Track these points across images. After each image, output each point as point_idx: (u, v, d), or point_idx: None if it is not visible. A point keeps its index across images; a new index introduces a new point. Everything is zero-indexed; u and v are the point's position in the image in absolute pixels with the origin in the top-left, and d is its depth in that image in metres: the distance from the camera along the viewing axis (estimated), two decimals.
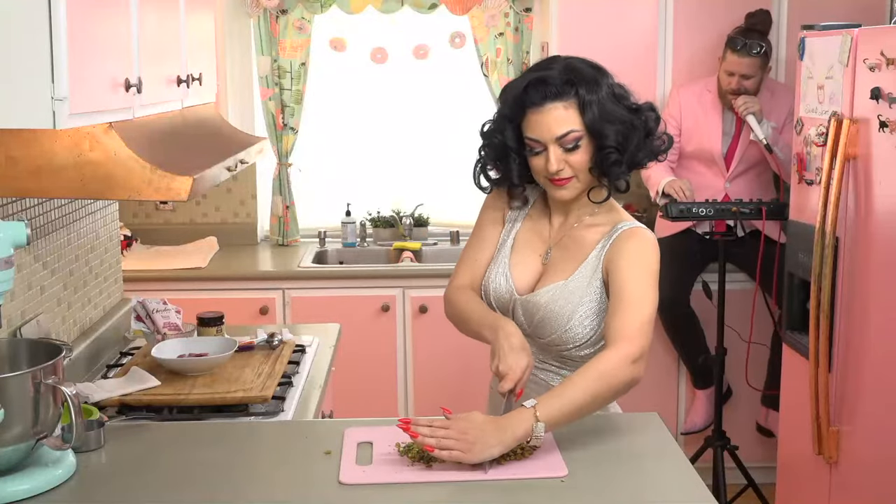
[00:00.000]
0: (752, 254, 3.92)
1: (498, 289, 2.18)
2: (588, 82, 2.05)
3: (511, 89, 2.10)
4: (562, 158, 2.05)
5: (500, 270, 2.19)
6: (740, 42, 3.96)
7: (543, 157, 2.06)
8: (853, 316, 3.07)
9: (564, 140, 2.04)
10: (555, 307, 2.10)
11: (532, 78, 2.08)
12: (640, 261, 2.11)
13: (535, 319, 2.12)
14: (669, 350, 4.23)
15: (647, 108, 2.12)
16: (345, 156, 4.80)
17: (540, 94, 2.04)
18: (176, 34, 2.55)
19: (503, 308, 2.18)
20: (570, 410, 1.92)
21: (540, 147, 2.06)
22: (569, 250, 2.17)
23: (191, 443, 2.07)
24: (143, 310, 2.88)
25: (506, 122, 2.10)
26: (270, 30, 4.53)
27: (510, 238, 2.23)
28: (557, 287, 2.11)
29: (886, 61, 2.82)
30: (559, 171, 2.05)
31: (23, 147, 2.11)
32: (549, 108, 2.04)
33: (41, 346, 1.98)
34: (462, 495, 1.79)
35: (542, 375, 2.19)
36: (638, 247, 2.12)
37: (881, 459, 2.94)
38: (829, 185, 3.07)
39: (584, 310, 2.10)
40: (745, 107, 3.93)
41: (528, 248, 2.21)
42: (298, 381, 2.65)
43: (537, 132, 2.05)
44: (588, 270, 2.12)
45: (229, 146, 2.76)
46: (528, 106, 2.05)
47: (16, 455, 1.80)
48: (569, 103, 2.04)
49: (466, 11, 4.54)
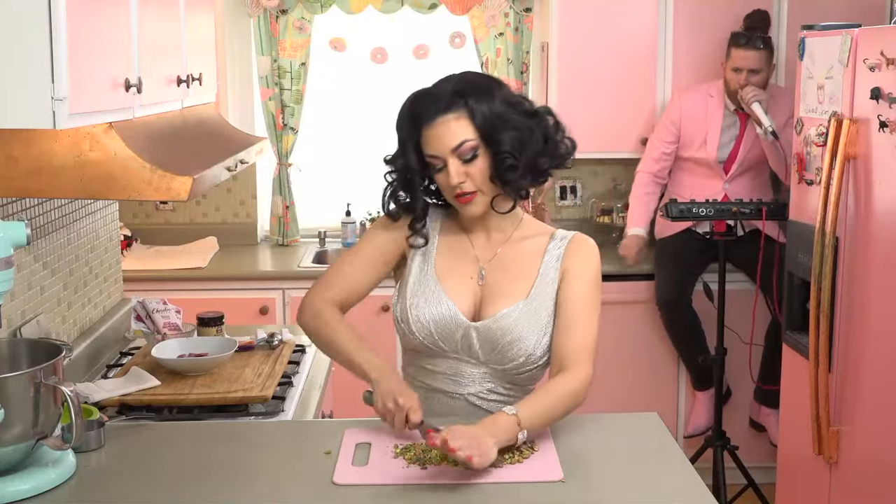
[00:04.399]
0: (752, 254, 3.92)
1: (440, 320, 2.07)
2: (478, 92, 2.04)
3: (402, 110, 2.08)
4: (462, 171, 2.02)
5: (436, 299, 2.08)
6: (744, 37, 3.96)
7: (445, 172, 2.04)
8: (853, 316, 3.07)
9: (461, 151, 2.01)
10: (521, 329, 2.05)
11: (419, 93, 2.07)
12: (591, 275, 2.12)
13: (500, 345, 2.06)
14: (669, 350, 4.23)
15: (544, 112, 2.09)
16: (345, 156, 4.81)
17: (429, 108, 2.03)
18: (176, 34, 2.55)
19: (448, 338, 2.08)
20: (543, 423, 1.96)
21: (440, 163, 2.03)
22: (510, 268, 2.12)
23: (191, 443, 2.07)
24: (143, 310, 2.89)
25: (405, 144, 2.07)
26: (270, 30, 4.53)
27: (429, 267, 2.13)
28: (518, 308, 2.07)
29: (886, 61, 2.82)
30: (461, 183, 2.02)
31: (23, 147, 2.11)
32: (440, 121, 2.02)
33: (41, 346, 1.98)
34: (455, 498, 1.78)
35: (486, 406, 2.10)
36: (589, 258, 2.13)
37: (881, 459, 2.94)
38: (829, 185, 3.07)
39: (547, 327, 2.08)
40: (752, 94, 3.91)
41: (454, 273, 2.12)
42: (298, 381, 2.65)
43: (434, 147, 2.03)
44: (545, 285, 2.09)
45: (229, 146, 2.76)
46: (422, 124, 2.03)
47: (16, 455, 1.80)
48: (460, 114, 2.02)
49: (466, 11, 4.55)
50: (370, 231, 2.22)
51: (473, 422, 1.90)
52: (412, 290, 2.12)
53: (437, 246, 2.16)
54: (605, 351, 4.09)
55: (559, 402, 1.97)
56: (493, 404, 2.09)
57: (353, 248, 2.23)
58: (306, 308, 2.17)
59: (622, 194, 4.71)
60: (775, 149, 3.93)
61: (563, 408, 1.98)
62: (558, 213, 4.74)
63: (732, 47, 4.00)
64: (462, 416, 2.06)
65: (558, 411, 1.98)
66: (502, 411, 1.91)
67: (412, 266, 2.14)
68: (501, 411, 1.91)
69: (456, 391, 2.11)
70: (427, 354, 2.13)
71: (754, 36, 3.97)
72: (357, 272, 2.18)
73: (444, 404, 2.12)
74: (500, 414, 1.90)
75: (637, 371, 4.24)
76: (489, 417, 1.91)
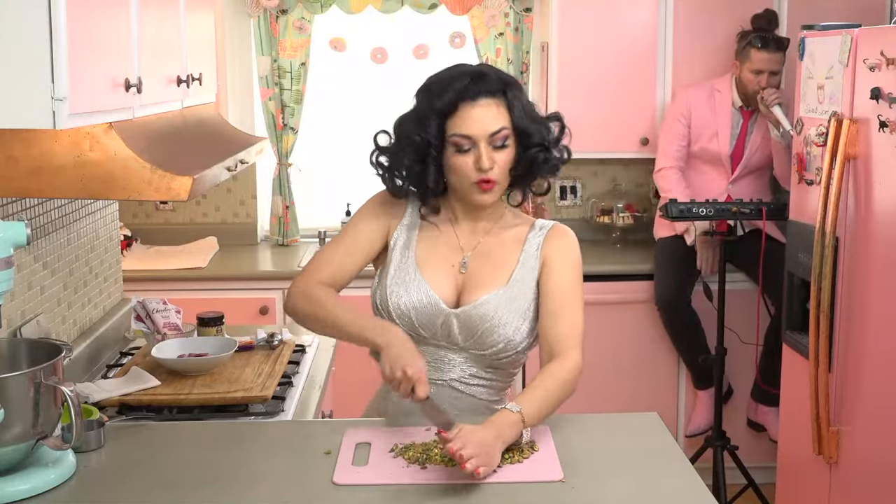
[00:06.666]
0: (752, 254, 3.92)
1: (420, 306, 2.08)
2: (514, 86, 2.08)
3: (439, 81, 2.07)
4: (492, 157, 2.04)
5: (415, 287, 2.09)
6: (763, 38, 3.95)
7: (472, 155, 2.03)
8: (853, 316, 3.07)
9: (497, 137, 2.03)
10: (501, 316, 2.07)
11: (465, 69, 2.07)
12: (574, 262, 2.14)
13: (479, 331, 2.07)
14: (670, 350, 4.23)
15: (554, 118, 2.14)
16: (345, 156, 4.80)
17: (476, 87, 2.03)
18: (176, 34, 2.55)
19: (428, 324, 2.09)
20: (543, 416, 1.98)
21: (468, 144, 2.03)
22: (491, 257, 2.13)
23: (191, 443, 2.07)
24: (143, 310, 2.89)
25: (428, 116, 2.05)
26: (270, 30, 4.53)
27: (409, 255, 2.14)
28: (497, 295, 2.08)
29: (886, 61, 2.82)
30: (490, 169, 2.03)
31: (23, 147, 2.11)
32: (484, 103, 2.03)
33: (41, 346, 1.98)
34: (456, 498, 1.78)
35: (470, 391, 2.13)
36: (570, 247, 2.15)
37: (881, 459, 2.94)
38: (829, 185, 3.07)
39: (526, 313, 2.10)
40: (774, 96, 3.89)
41: (436, 260, 2.13)
42: (298, 381, 2.65)
43: (470, 127, 2.02)
44: (525, 272, 2.11)
45: (229, 146, 2.76)
46: (461, 100, 2.02)
47: (16, 455, 1.80)
48: (500, 101, 2.04)
49: (466, 11, 4.55)
50: (355, 217, 2.22)
51: (479, 420, 1.91)
52: (392, 278, 2.13)
53: (419, 235, 2.17)
54: (605, 351, 4.15)
55: (556, 394, 2.00)
56: (477, 388, 2.13)
57: (338, 235, 2.23)
58: (295, 292, 2.15)
59: (622, 194, 4.72)
60: (787, 153, 3.93)
61: (559, 399, 2.02)
62: (558, 213, 4.73)
63: (752, 49, 3.97)
64: (447, 403, 2.07)
65: (555, 403, 2.01)
66: (506, 408, 1.92)
67: (393, 255, 2.15)
68: (505, 408, 1.92)
69: (439, 377, 2.12)
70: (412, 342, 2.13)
71: (774, 37, 3.96)
72: (346, 255, 2.18)
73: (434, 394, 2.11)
74: (505, 412, 1.91)
75: (637, 371, 4.24)
76: (496, 415, 1.91)
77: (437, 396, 2.08)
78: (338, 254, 2.18)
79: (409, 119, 2.09)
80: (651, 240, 4.35)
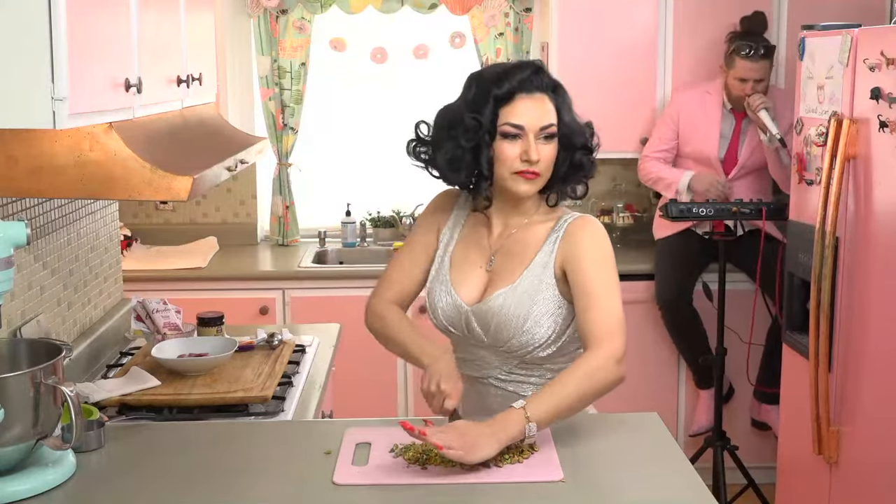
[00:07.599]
0: (752, 254, 3.92)
1: (445, 307, 2.16)
2: (562, 87, 2.14)
3: (504, 72, 2.09)
4: (538, 149, 2.07)
5: (444, 289, 2.18)
6: (747, 47, 3.95)
7: (520, 144, 2.06)
8: (853, 316, 3.07)
9: (546, 131, 2.07)
10: (508, 311, 2.08)
11: (532, 65, 2.12)
12: (598, 252, 2.12)
13: (492, 327, 2.10)
14: (670, 350, 4.23)
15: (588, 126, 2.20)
16: (345, 156, 4.81)
17: (535, 80, 2.08)
18: (176, 34, 2.55)
19: (455, 323, 2.16)
20: (557, 410, 1.94)
21: (518, 132, 2.06)
22: (512, 254, 2.15)
23: (191, 443, 2.07)
24: (143, 310, 2.89)
25: (488, 103, 2.07)
26: (270, 30, 4.53)
27: (446, 255, 2.21)
28: (506, 292, 2.10)
29: (886, 61, 2.82)
30: (537, 161, 2.06)
31: (23, 147, 2.11)
32: (539, 97, 2.08)
33: (41, 346, 1.98)
34: (456, 498, 1.78)
35: (512, 388, 2.15)
36: (592, 237, 2.13)
37: (881, 459, 2.94)
38: (829, 185, 3.07)
39: (538, 309, 2.09)
40: (759, 102, 3.90)
41: (466, 262, 2.19)
42: (298, 381, 2.65)
43: (523, 117, 2.06)
44: (536, 269, 2.11)
45: (229, 146, 2.76)
46: (519, 91, 2.07)
47: (16, 455, 1.80)
48: (551, 98, 2.10)
49: (466, 11, 4.55)
50: (413, 228, 2.32)
51: (482, 419, 1.91)
52: (431, 279, 2.22)
53: (459, 234, 2.23)
54: None
55: (572, 389, 1.94)
56: (518, 385, 2.15)
57: (405, 242, 2.32)
58: (371, 313, 2.25)
59: (622, 194, 4.72)
60: (778, 156, 3.93)
61: (580, 393, 1.95)
62: None
63: (737, 57, 3.97)
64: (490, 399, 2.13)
65: (573, 397, 1.94)
66: (511, 406, 1.92)
67: (437, 255, 2.23)
68: (510, 406, 1.92)
69: (479, 375, 2.17)
70: (453, 342, 2.22)
71: (759, 45, 3.95)
72: (413, 267, 2.26)
73: (480, 392, 2.18)
74: (509, 409, 1.91)
75: (637, 371, 4.22)
76: (499, 415, 1.91)
77: (481, 394, 2.16)
78: (401, 270, 2.27)
79: (460, 106, 2.12)
80: (651, 240, 4.35)
